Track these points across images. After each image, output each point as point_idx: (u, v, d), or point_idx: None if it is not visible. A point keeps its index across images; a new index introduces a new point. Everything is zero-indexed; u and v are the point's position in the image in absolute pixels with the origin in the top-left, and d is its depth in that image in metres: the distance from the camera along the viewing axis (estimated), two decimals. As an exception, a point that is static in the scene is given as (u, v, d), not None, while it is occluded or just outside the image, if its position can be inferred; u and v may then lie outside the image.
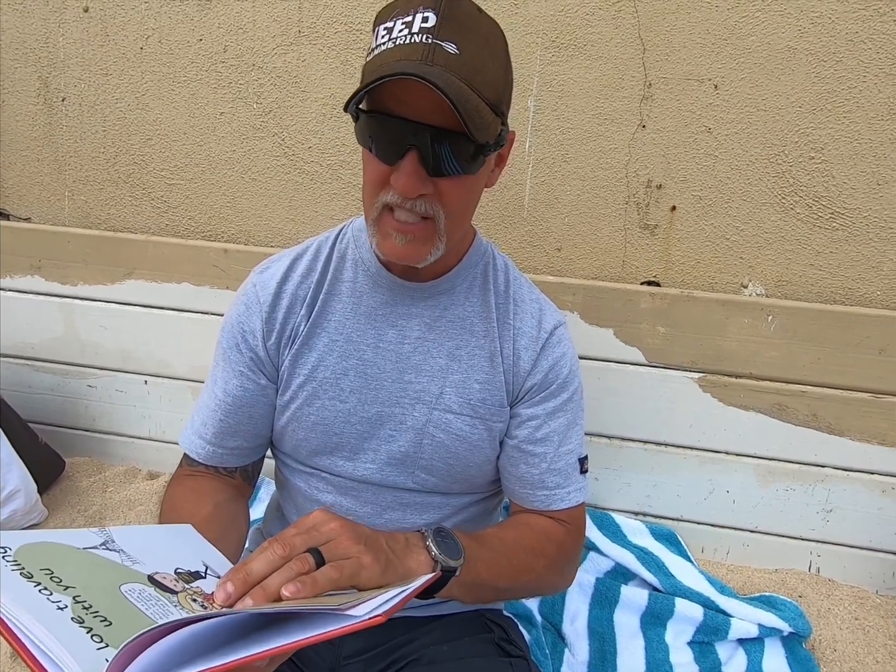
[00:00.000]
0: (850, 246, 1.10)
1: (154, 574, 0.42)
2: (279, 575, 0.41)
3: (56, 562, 0.40)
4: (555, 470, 0.67)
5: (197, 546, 0.50)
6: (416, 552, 0.52)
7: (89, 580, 0.39)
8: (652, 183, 1.13)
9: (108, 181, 1.31)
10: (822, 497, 1.13)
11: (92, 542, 0.43)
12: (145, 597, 0.39)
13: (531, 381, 0.67)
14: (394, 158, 0.54)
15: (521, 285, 0.71)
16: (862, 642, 0.99)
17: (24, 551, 0.39)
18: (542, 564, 0.66)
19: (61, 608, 0.36)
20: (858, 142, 1.05)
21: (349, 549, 0.46)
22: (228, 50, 1.20)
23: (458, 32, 0.52)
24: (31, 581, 0.37)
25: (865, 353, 1.06)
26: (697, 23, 1.05)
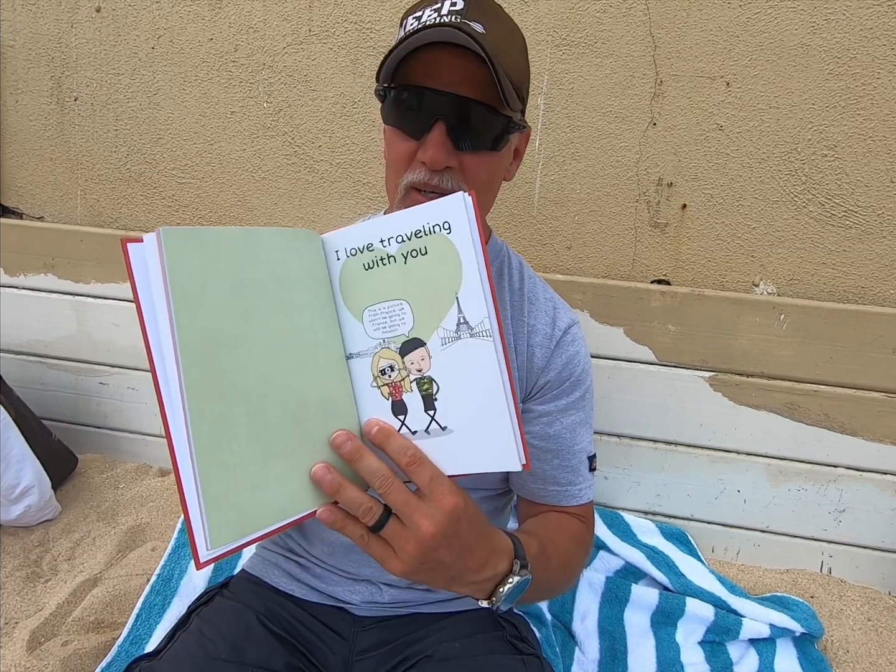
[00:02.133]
0: (864, 244, 1.09)
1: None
2: (354, 495, 0.41)
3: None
4: (567, 466, 0.68)
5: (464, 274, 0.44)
6: (482, 586, 0.48)
7: None
8: (663, 181, 1.12)
9: (119, 180, 1.32)
10: (835, 497, 1.12)
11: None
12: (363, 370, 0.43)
13: (544, 378, 0.67)
14: (421, 132, 0.55)
15: (536, 284, 0.72)
16: (875, 643, 0.98)
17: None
18: (574, 574, 0.66)
19: None
20: (872, 139, 1.04)
21: (401, 550, 0.42)
22: (239, 49, 1.20)
23: (485, 16, 0.55)
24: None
25: (879, 353, 1.05)
26: (709, 19, 1.04)
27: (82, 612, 0.93)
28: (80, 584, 0.98)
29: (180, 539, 1.08)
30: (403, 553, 0.42)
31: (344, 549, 0.73)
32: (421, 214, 0.42)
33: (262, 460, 0.38)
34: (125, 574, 1.01)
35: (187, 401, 0.36)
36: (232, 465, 0.37)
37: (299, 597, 0.74)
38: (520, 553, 0.50)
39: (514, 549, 0.50)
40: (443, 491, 0.42)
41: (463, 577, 0.46)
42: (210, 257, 0.38)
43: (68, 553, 1.07)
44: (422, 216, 0.42)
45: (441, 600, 0.75)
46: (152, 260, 0.36)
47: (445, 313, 0.42)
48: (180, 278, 0.36)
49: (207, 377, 0.37)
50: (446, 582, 0.46)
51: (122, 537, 1.10)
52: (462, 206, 0.41)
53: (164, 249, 0.36)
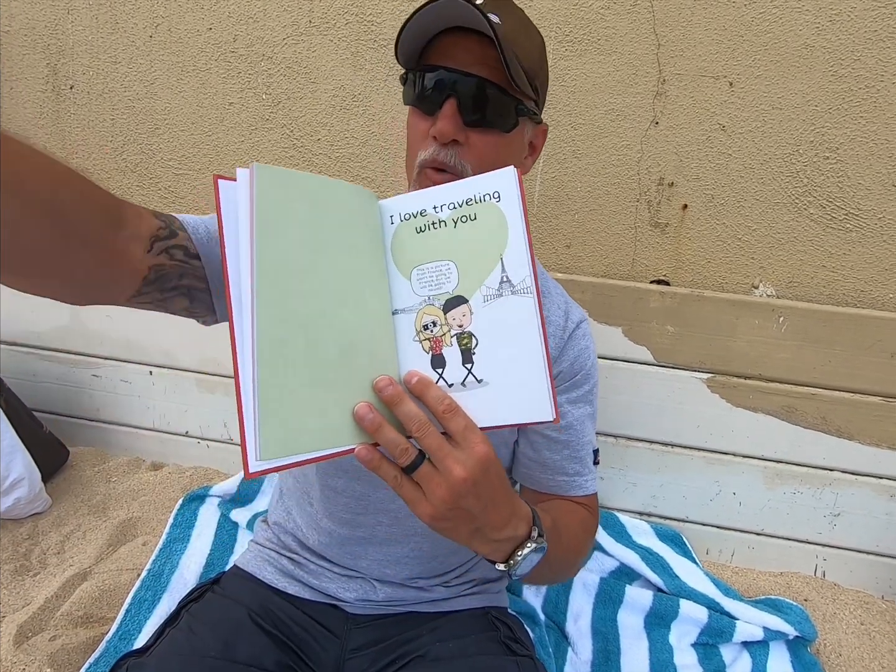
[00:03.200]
0: (864, 248, 1.08)
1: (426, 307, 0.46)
2: (391, 435, 0.43)
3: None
4: (576, 457, 0.69)
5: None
6: (501, 546, 0.49)
7: None
8: (664, 181, 1.12)
9: (115, 170, 1.30)
10: (830, 501, 1.12)
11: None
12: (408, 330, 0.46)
13: (556, 369, 0.69)
14: (434, 108, 0.59)
15: (548, 279, 0.74)
16: (867, 647, 0.98)
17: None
18: (580, 559, 0.67)
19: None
20: (875, 142, 1.03)
21: (432, 493, 0.43)
22: (238, 40, 1.19)
23: (501, 8, 0.58)
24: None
25: (877, 357, 1.05)
26: (713, 18, 1.03)
27: (71, 607, 0.92)
28: (69, 579, 0.97)
29: (172, 534, 1.08)
30: (434, 497, 0.43)
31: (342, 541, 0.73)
32: (474, 185, 0.46)
33: (311, 388, 0.41)
34: (115, 568, 1.00)
35: (257, 319, 0.39)
36: (286, 386, 0.40)
37: (292, 594, 0.73)
38: (537, 521, 0.52)
39: (533, 517, 0.52)
40: (475, 439, 0.44)
41: (485, 531, 0.47)
42: (291, 194, 0.42)
43: (58, 547, 1.06)
44: (474, 186, 0.46)
45: (435, 599, 0.74)
46: (242, 192, 0.41)
47: (489, 273, 0.45)
48: (265, 208, 0.41)
49: (277, 300, 0.40)
50: (469, 535, 0.46)
51: (112, 531, 1.09)
52: (513, 178, 0.45)
53: (256, 181, 0.40)
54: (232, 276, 0.41)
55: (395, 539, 0.72)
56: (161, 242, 0.51)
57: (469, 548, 0.48)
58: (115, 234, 0.47)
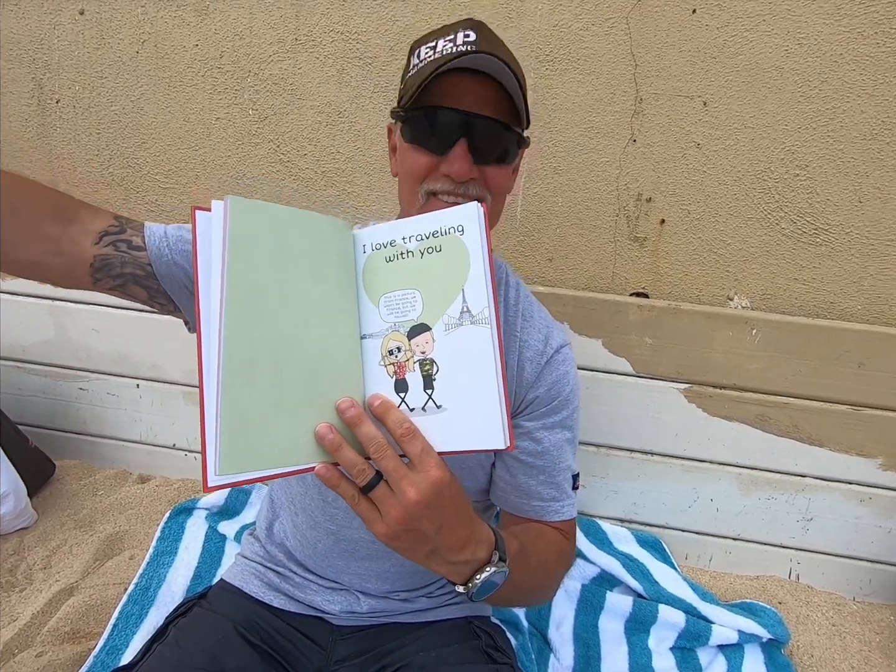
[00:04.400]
0: (833, 261, 1.12)
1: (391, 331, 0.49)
2: (350, 455, 0.45)
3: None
4: (552, 483, 0.69)
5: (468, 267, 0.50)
6: (459, 569, 0.50)
7: None
8: (642, 196, 1.15)
9: (101, 184, 1.31)
10: (803, 506, 1.16)
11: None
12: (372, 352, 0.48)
13: (533, 394, 0.69)
14: (444, 148, 0.60)
15: (532, 303, 0.75)
16: (838, 648, 1.02)
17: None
18: (553, 583, 0.68)
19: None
20: (842, 160, 1.08)
21: (387, 513, 0.45)
22: (224, 56, 1.20)
23: (496, 48, 0.60)
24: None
25: (845, 367, 1.09)
26: (688, 41, 1.07)
27: (58, 623, 0.92)
28: (55, 594, 0.97)
29: (159, 547, 1.08)
30: (388, 517, 0.45)
31: (325, 553, 0.74)
32: (439, 218, 0.49)
33: (275, 408, 0.43)
34: (102, 583, 1.00)
35: (224, 340, 0.41)
36: (250, 404, 0.42)
37: (278, 606, 0.74)
38: (500, 546, 0.53)
39: (496, 541, 0.53)
40: (430, 463, 0.45)
41: (441, 553, 0.48)
42: (263, 225, 0.45)
43: (44, 562, 1.06)
44: (440, 220, 0.49)
45: (418, 610, 0.76)
46: (217, 221, 0.43)
47: (451, 302, 0.48)
48: (236, 236, 0.43)
49: (245, 322, 0.43)
50: (425, 556, 0.48)
51: (99, 545, 1.09)
52: (475, 214, 0.48)
53: (230, 212, 0.43)
54: (203, 299, 0.43)
55: (377, 555, 0.73)
56: (109, 237, 0.58)
57: (427, 568, 0.49)
58: (65, 229, 0.56)
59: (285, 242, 0.46)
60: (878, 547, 1.16)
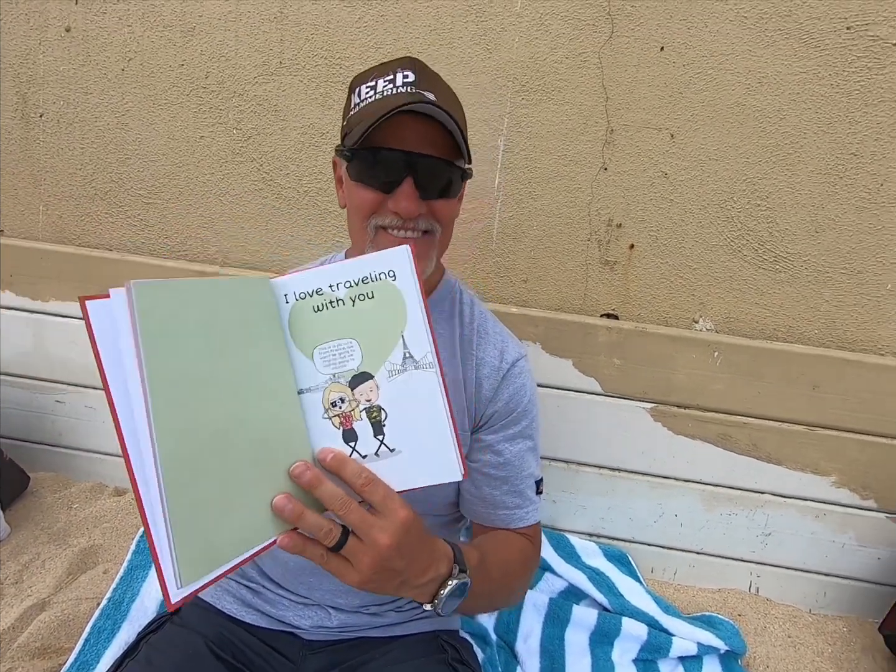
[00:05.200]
0: (791, 287, 1.18)
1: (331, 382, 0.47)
2: (314, 520, 0.44)
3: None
4: (515, 492, 0.72)
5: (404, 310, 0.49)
6: (425, 588, 0.52)
7: None
8: (612, 222, 1.20)
9: (84, 197, 1.32)
10: (762, 521, 1.21)
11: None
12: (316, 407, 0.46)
13: (492, 409, 0.72)
14: (391, 186, 0.62)
15: (487, 319, 0.77)
16: (793, 659, 1.06)
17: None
18: (517, 585, 0.71)
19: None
20: (799, 192, 1.14)
21: (359, 564, 0.46)
22: (210, 76, 1.23)
23: (434, 86, 0.64)
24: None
25: (801, 389, 1.15)
26: (656, 76, 1.12)
27: (28, 638, 0.92)
28: (27, 609, 0.97)
29: (133, 561, 1.09)
30: (361, 565, 0.46)
31: (297, 571, 0.76)
32: (368, 263, 0.47)
33: (226, 495, 0.40)
34: (75, 598, 1.00)
35: (157, 443, 0.37)
36: (199, 500, 0.39)
37: (249, 622, 0.76)
38: (458, 558, 0.55)
39: (454, 554, 0.55)
40: (395, 506, 0.47)
41: (410, 581, 0.50)
42: (176, 307, 0.40)
43: (16, 576, 1.06)
44: (369, 265, 0.47)
45: (387, 624, 0.78)
46: (120, 311, 0.38)
47: (392, 349, 0.47)
48: (149, 326, 0.38)
49: (176, 417, 0.38)
50: (395, 588, 0.50)
51: (73, 559, 1.09)
52: (406, 258, 0.47)
53: (136, 301, 0.38)
54: (119, 398, 0.38)
55: None
56: None
57: (395, 596, 0.52)
58: None
59: (203, 319, 0.41)
60: (832, 561, 1.21)
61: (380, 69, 0.64)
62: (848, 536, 1.20)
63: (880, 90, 1.07)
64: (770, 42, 1.08)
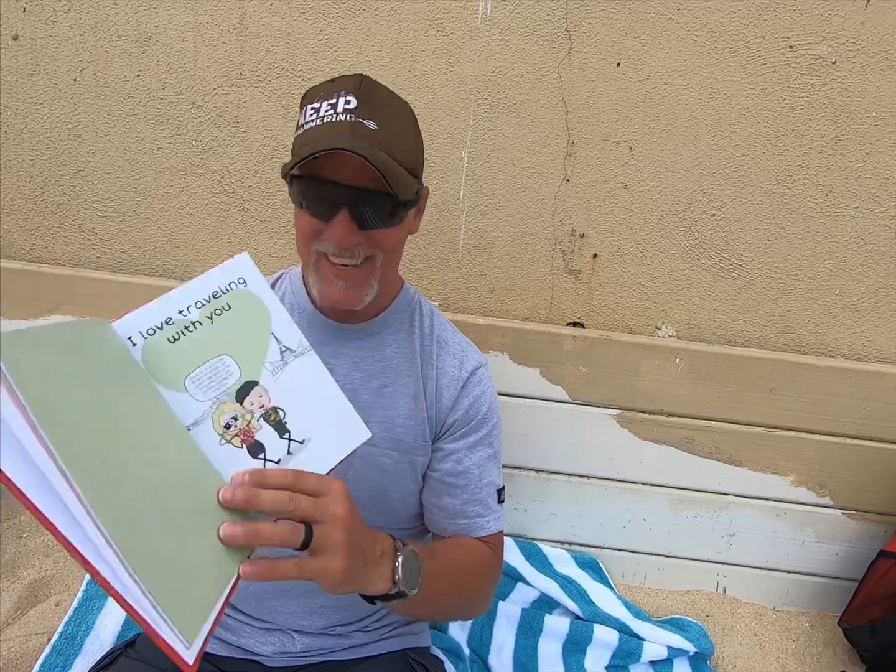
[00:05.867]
0: (747, 293, 1.23)
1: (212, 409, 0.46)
2: (272, 529, 0.43)
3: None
4: (475, 500, 0.72)
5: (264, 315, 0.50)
6: (383, 566, 0.53)
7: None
8: (576, 232, 1.22)
9: (34, 211, 1.27)
10: (726, 522, 1.24)
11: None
12: (210, 438, 0.45)
13: (452, 418, 0.72)
14: (327, 216, 0.61)
15: (446, 329, 0.77)
16: (759, 657, 1.09)
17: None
18: (476, 586, 0.70)
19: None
20: (752, 202, 1.18)
21: (334, 545, 0.45)
22: (167, 87, 1.20)
23: (376, 112, 0.60)
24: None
25: (758, 392, 1.18)
26: (614, 90, 1.15)
27: (-29, 680, 0.86)
28: (-31, 648, 0.91)
29: (88, 591, 1.03)
30: (336, 547, 0.45)
31: (259, 595, 0.74)
32: (214, 279, 0.48)
33: (179, 544, 0.39)
34: (23, 634, 0.95)
35: (101, 523, 0.34)
36: (162, 558, 0.37)
37: (210, 652, 0.73)
38: (394, 537, 0.56)
39: (398, 543, 0.56)
40: (328, 481, 0.47)
41: (368, 557, 0.50)
42: (45, 355, 0.36)
43: (-41, 613, 1.00)
44: (216, 280, 0.48)
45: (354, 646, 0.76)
46: None
47: (267, 349, 0.48)
48: (25, 377, 0.33)
49: (95, 470, 0.35)
50: (362, 568, 0.49)
51: (22, 592, 1.03)
52: (250, 263, 0.50)
53: (10, 372, 0.32)
54: (30, 485, 0.33)
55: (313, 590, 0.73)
56: None
57: (365, 587, 0.51)
58: None
59: (70, 366, 0.37)
60: (793, 559, 1.25)
61: (326, 89, 0.62)
62: (807, 534, 1.24)
63: (822, 105, 1.12)
64: (720, 59, 1.12)
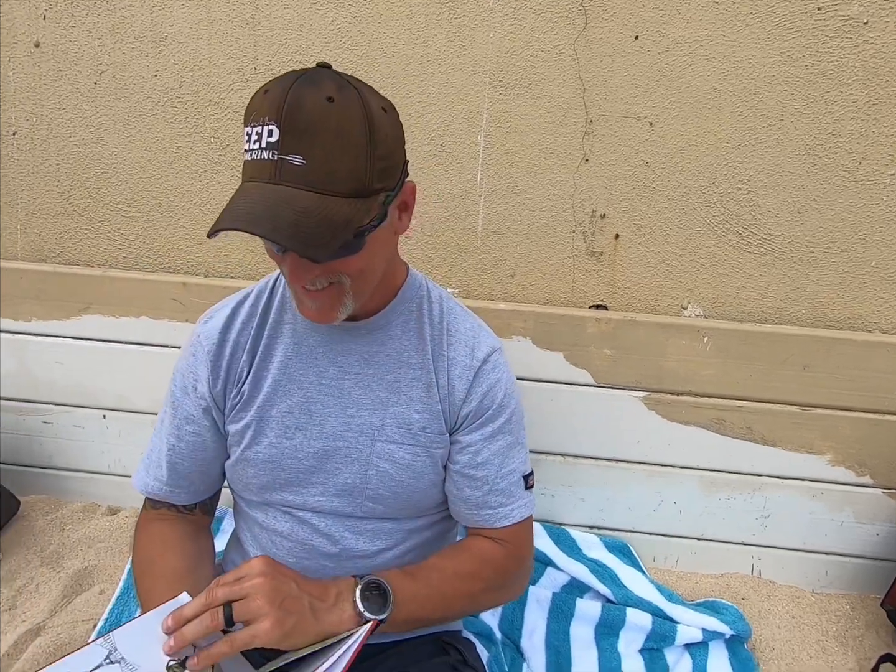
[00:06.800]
0: (777, 269, 1.19)
1: None
2: (192, 626, 0.49)
3: None
4: (497, 490, 0.70)
5: None
6: (341, 607, 0.56)
7: None
8: (596, 213, 1.20)
9: (62, 214, 1.30)
10: (760, 504, 1.21)
11: (97, 658, 0.50)
12: None
13: (467, 409, 0.69)
14: (280, 249, 0.56)
15: (456, 315, 0.73)
16: (798, 640, 1.07)
17: None
18: (479, 588, 0.69)
19: None
20: (780, 174, 1.14)
21: (259, 609, 0.51)
22: (184, 86, 1.21)
23: (302, 140, 0.50)
24: None
25: (791, 370, 1.15)
26: (632, 65, 1.12)
27: (24, 665, 0.90)
28: (21, 635, 0.95)
29: (129, 580, 1.07)
30: (259, 610, 0.50)
31: None
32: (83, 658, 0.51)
33: None
34: (70, 621, 0.99)
35: None
36: None
37: None
38: (355, 575, 0.60)
39: (354, 580, 0.60)
40: (243, 569, 0.54)
41: (318, 605, 0.54)
42: None
43: (9, 602, 1.04)
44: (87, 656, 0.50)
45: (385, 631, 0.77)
46: None
47: None
48: None
49: None
50: (312, 613, 0.53)
51: (67, 582, 1.07)
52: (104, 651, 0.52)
53: None
54: None
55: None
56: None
57: (327, 629, 0.54)
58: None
59: None
60: (831, 540, 1.21)
61: (258, 106, 0.51)
62: (846, 514, 1.20)
63: (854, 69, 1.07)
64: (743, 26, 1.08)
